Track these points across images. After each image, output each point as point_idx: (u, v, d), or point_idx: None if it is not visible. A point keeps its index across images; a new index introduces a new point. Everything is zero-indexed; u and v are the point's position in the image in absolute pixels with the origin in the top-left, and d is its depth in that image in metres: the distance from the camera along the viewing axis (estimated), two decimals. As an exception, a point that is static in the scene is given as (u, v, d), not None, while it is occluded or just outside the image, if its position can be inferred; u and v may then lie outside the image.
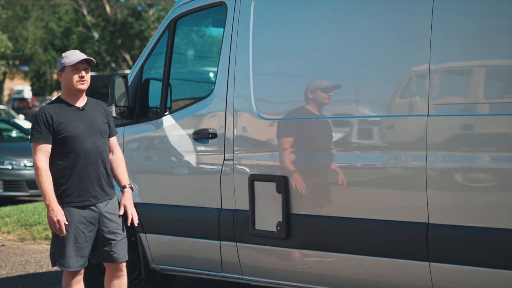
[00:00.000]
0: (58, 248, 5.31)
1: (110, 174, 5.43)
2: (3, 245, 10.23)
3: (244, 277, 6.05)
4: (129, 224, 5.41)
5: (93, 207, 5.31)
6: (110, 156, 5.50)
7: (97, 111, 5.42)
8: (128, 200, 5.43)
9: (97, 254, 5.41)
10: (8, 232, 11.04)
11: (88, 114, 5.36)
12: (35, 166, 5.22)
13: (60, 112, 5.31)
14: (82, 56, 5.36)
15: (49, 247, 10.05)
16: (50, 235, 10.56)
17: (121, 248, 5.40)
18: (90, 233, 5.31)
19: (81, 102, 5.41)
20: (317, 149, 5.56)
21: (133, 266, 6.69)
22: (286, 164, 5.68)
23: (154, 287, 6.79)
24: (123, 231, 5.42)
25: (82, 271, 5.41)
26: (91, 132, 5.32)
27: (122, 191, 5.48)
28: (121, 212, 5.40)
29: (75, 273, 5.37)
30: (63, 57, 5.38)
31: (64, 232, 5.20)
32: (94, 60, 5.39)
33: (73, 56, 5.36)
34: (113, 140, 5.52)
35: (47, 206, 5.18)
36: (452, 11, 4.98)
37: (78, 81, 5.34)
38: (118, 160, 5.52)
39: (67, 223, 5.20)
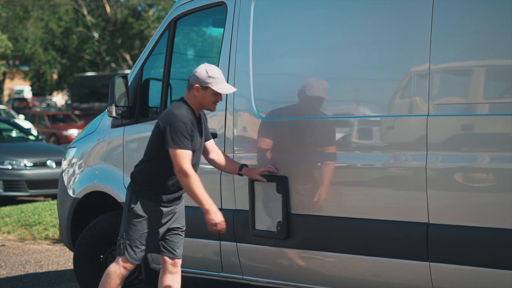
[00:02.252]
0: (135, 239, 5.41)
1: None
2: (3, 245, 10.23)
3: (244, 277, 6.05)
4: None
5: (175, 208, 5.53)
6: (212, 155, 5.63)
7: (205, 124, 5.57)
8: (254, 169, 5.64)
9: (163, 249, 5.60)
10: (8, 232, 11.04)
11: (202, 128, 5.47)
12: (184, 174, 5.22)
13: (193, 122, 5.33)
14: (232, 89, 5.44)
15: (49, 247, 10.06)
16: (50, 235, 10.58)
17: (181, 246, 5.63)
18: (163, 230, 5.52)
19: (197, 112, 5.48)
20: (317, 149, 5.56)
21: (133, 266, 6.69)
22: (286, 164, 5.67)
23: (154, 287, 6.79)
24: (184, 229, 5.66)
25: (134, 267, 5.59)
26: (201, 147, 5.49)
27: (244, 169, 5.63)
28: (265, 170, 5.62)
29: (131, 264, 5.48)
30: (210, 76, 5.32)
31: (222, 230, 5.35)
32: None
33: (223, 84, 5.36)
34: (211, 143, 5.66)
35: (207, 210, 5.26)
36: (452, 11, 4.98)
37: (214, 104, 5.41)
38: (222, 156, 5.67)
39: (224, 225, 5.35)
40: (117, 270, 5.49)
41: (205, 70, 5.34)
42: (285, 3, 5.89)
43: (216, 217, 5.27)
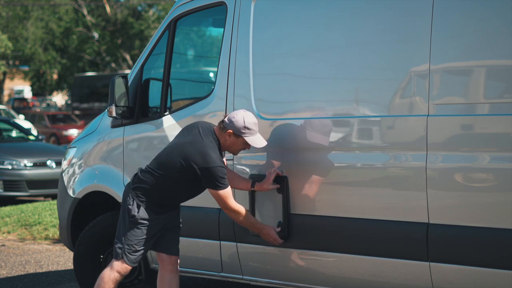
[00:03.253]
0: (131, 242, 5.50)
1: None
2: (3, 245, 10.23)
3: (244, 277, 6.05)
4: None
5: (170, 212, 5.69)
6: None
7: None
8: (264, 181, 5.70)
9: (162, 247, 5.68)
10: (8, 232, 11.04)
11: None
12: (233, 211, 5.47)
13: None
14: (264, 143, 5.49)
15: (49, 247, 10.06)
16: (50, 235, 10.58)
17: (176, 243, 5.72)
18: (158, 233, 5.64)
19: None
20: (317, 149, 5.56)
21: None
22: (286, 164, 5.67)
23: (154, 287, 6.79)
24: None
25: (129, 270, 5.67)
26: None
27: (257, 184, 5.68)
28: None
29: (127, 267, 5.55)
30: (246, 127, 5.40)
31: (280, 241, 5.59)
32: None
33: (256, 136, 5.45)
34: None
35: (263, 233, 5.60)
36: (452, 11, 4.98)
37: (240, 151, 5.56)
38: (233, 175, 5.77)
39: (280, 240, 5.58)
40: (111, 274, 5.54)
41: (242, 119, 5.41)
42: (285, 3, 5.89)
43: (271, 236, 5.58)
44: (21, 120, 29.83)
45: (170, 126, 6.36)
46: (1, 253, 9.69)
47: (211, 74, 7.35)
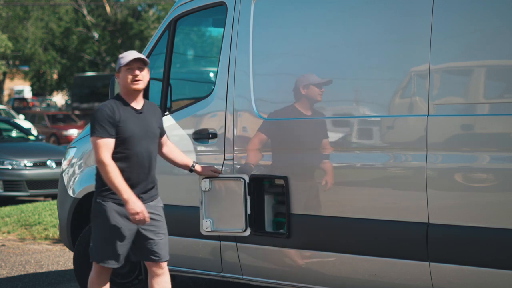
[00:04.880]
0: (98, 243, 5.35)
1: (154, 176, 5.46)
2: (3, 245, 10.23)
3: (244, 277, 6.05)
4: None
5: None
6: (164, 149, 5.64)
7: (153, 115, 5.45)
8: (206, 168, 5.75)
9: (139, 252, 5.46)
10: (8, 232, 11.04)
11: (146, 118, 5.38)
12: (100, 163, 5.16)
13: (121, 110, 5.30)
14: (136, 55, 5.34)
15: (49, 247, 10.07)
16: (50, 235, 10.58)
17: (162, 248, 5.43)
18: (129, 232, 5.33)
19: (139, 103, 5.40)
20: (317, 149, 5.56)
21: (133, 266, 6.69)
22: (286, 164, 5.68)
23: (154, 287, 6.78)
24: (164, 230, 5.47)
25: (110, 270, 5.43)
26: (146, 136, 5.35)
27: (194, 168, 5.71)
28: (214, 173, 5.78)
29: (106, 270, 5.40)
30: (119, 58, 5.37)
31: (149, 219, 5.23)
32: (148, 60, 5.38)
33: (128, 56, 5.34)
34: (165, 138, 5.65)
35: (126, 200, 5.16)
36: (452, 11, 4.98)
37: (132, 80, 5.31)
38: (173, 149, 5.69)
39: (147, 215, 5.22)
40: (93, 276, 5.45)
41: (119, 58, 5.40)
42: (285, 3, 5.89)
43: (136, 206, 5.17)
44: (21, 120, 29.84)
45: (170, 126, 6.36)
46: (1, 253, 9.69)
47: (211, 74, 7.34)
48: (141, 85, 5.33)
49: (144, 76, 5.34)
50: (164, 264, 5.49)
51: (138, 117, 5.34)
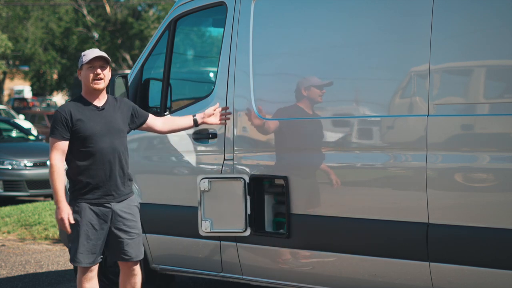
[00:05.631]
0: (72, 244, 5.38)
1: (127, 174, 5.47)
2: (3, 245, 10.23)
3: (244, 277, 6.05)
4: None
5: (106, 205, 5.36)
6: (159, 126, 5.67)
7: (116, 110, 5.45)
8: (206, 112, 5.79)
9: (111, 253, 5.47)
10: (8, 232, 11.04)
11: (108, 114, 5.40)
12: (51, 165, 5.28)
13: (80, 110, 5.35)
14: (98, 53, 5.36)
15: (49, 247, 10.07)
16: (50, 235, 10.58)
17: (133, 247, 5.43)
18: (102, 230, 5.36)
19: (101, 101, 5.43)
20: (317, 149, 5.56)
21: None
22: (286, 164, 5.67)
23: (154, 287, 6.79)
24: (137, 230, 5.46)
25: (95, 268, 5.42)
26: (109, 132, 5.37)
27: (195, 119, 5.78)
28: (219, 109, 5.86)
29: (86, 269, 5.40)
30: (82, 56, 5.40)
31: (69, 230, 5.27)
32: (109, 58, 5.40)
33: (90, 54, 5.37)
34: (151, 118, 5.66)
35: (55, 203, 5.25)
36: (452, 11, 4.98)
37: (94, 79, 5.35)
38: (168, 120, 5.75)
39: (72, 221, 5.26)
40: (78, 277, 5.45)
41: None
42: (285, 3, 5.89)
43: (60, 212, 5.24)
44: (21, 120, 29.80)
45: (170, 126, 6.35)
46: (1, 253, 9.69)
47: (211, 74, 7.34)
48: (101, 84, 5.38)
49: (105, 75, 5.39)
50: (136, 264, 5.51)
51: (99, 114, 5.37)
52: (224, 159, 6.03)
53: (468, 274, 4.87)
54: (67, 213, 5.26)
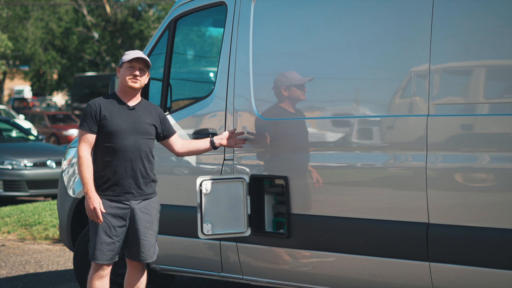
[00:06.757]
0: (91, 240, 5.42)
1: (150, 174, 5.50)
2: (3, 245, 10.23)
3: (244, 277, 6.05)
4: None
5: (126, 202, 5.39)
6: (179, 147, 5.67)
7: (146, 112, 5.50)
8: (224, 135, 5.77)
9: (126, 250, 5.50)
10: (8, 232, 11.04)
11: (137, 114, 5.46)
12: (77, 155, 5.35)
13: (110, 106, 5.41)
14: (140, 55, 5.44)
15: (49, 247, 10.07)
16: (50, 235, 10.58)
17: (148, 248, 5.46)
18: (120, 229, 5.39)
19: (133, 101, 5.49)
20: (317, 149, 5.56)
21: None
22: (286, 164, 5.67)
23: (154, 287, 6.79)
24: (152, 232, 5.49)
25: (108, 268, 5.45)
26: (135, 131, 5.42)
27: (212, 141, 5.73)
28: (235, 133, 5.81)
29: (99, 267, 5.43)
30: (125, 54, 5.48)
31: (101, 219, 5.30)
32: (150, 62, 5.48)
33: (132, 54, 5.45)
34: (176, 136, 5.68)
35: (85, 194, 5.29)
36: (452, 11, 4.98)
37: (131, 78, 5.42)
38: (187, 143, 5.75)
39: (104, 211, 5.30)
40: (90, 274, 5.48)
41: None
42: (285, 3, 5.89)
43: (91, 202, 5.27)
44: (21, 120, 29.81)
45: (170, 126, 6.36)
46: (1, 253, 9.69)
47: (211, 74, 7.34)
48: (137, 84, 5.43)
49: (143, 78, 5.45)
50: (144, 265, 5.55)
51: (129, 113, 5.43)
52: (224, 159, 6.03)
53: (468, 274, 4.87)
54: (98, 203, 5.29)
